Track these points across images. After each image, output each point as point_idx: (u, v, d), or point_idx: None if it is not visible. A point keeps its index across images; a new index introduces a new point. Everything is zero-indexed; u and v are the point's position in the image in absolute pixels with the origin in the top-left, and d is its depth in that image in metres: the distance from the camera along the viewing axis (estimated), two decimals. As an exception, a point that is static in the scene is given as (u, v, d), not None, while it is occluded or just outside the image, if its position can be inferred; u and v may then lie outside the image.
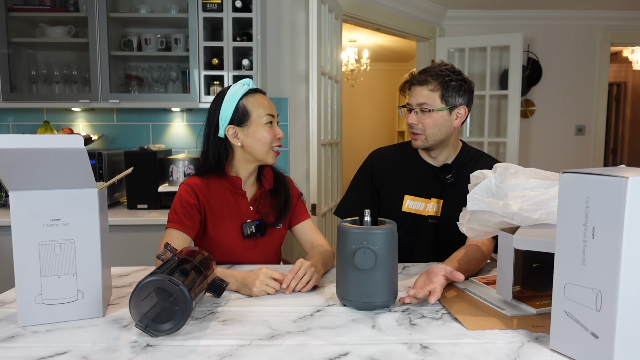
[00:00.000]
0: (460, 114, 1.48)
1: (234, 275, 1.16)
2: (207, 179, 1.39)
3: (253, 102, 1.36)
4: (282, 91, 2.82)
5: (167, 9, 2.62)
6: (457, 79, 1.45)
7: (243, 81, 1.38)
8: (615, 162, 6.95)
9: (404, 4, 3.50)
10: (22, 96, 2.53)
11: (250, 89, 1.37)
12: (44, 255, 0.93)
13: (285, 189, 1.47)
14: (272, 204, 1.43)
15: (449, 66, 1.49)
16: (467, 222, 1.10)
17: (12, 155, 0.84)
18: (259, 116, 1.35)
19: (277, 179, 1.48)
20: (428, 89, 1.45)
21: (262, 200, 1.44)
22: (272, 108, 1.39)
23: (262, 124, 1.35)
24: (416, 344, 0.84)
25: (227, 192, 1.40)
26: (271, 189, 1.45)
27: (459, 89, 1.46)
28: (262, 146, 1.35)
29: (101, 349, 0.83)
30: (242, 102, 1.35)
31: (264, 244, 1.43)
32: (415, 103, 1.47)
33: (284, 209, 1.44)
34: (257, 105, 1.35)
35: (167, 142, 2.87)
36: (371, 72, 6.53)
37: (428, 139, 1.48)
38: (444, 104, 1.45)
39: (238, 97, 1.34)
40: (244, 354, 0.81)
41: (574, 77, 4.04)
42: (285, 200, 1.45)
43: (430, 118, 1.45)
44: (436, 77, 1.45)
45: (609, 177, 0.70)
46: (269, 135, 1.35)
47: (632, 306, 0.71)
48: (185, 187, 1.37)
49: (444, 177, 1.51)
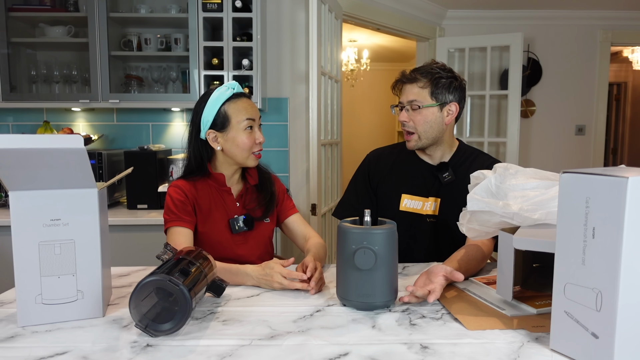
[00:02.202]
0: (452, 110, 1.49)
1: (247, 272, 1.18)
2: (192, 180, 1.41)
3: (235, 107, 1.36)
4: (282, 91, 2.82)
5: (167, 9, 2.62)
6: (447, 76, 1.46)
7: (228, 84, 1.39)
8: (615, 162, 6.95)
9: (404, 4, 3.50)
10: (22, 96, 2.53)
11: (234, 93, 1.38)
12: (43, 255, 0.93)
13: (269, 183, 1.50)
14: (259, 198, 1.46)
15: (440, 64, 1.50)
16: (467, 222, 1.10)
17: (12, 155, 0.84)
18: (238, 122, 1.36)
19: (261, 175, 1.50)
20: (418, 87, 1.47)
21: (248, 195, 1.46)
22: (254, 112, 1.39)
23: (241, 129, 1.36)
24: (416, 344, 0.84)
25: (213, 190, 1.42)
26: (256, 185, 1.48)
27: (449, 86, 1.46)
28: (241, 152, 1.37)
29: (101, 349, 0.83)
30: (224, 108, 1.36)
31: (253, 238, 1.45)
32: (405, 101, 1.49)
33: (270, 203, 1.47)
34: (238, 111, 1.36)
35: (167, 142, 2.87)
36: (371, 72, 6.53)
37: (421, 138, 1.49)
38: (434, 101, 1.46)
39: (220, 102, 1.36)
40: (244, 354, 0.81)
41: (574, 77, 4.04)
42: (271, 195, 1.47)
43: (420, 115, 1.46)
44: (426, 74, 1.46)
45: (609, 177, 0.70)
46: (249, 140, 1.37)
47: (632, 306, 0.71)
48: (173, 188, 1.39)
49: (441, 176, 1.51)
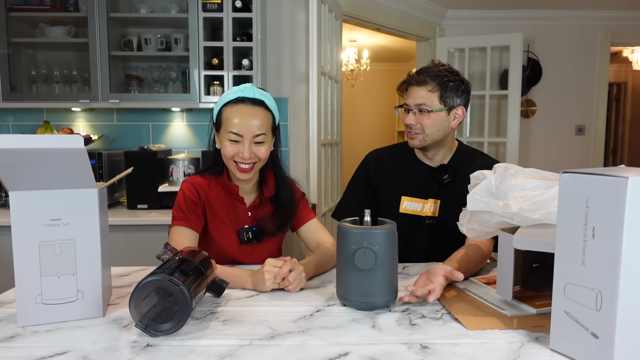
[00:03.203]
0: (458, 114, 1.48)
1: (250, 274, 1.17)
2: (208, 179, 1.38)
3: (229, 112, 1.28)
4: (282, 91, 2.83)
5: (167, 9, 2.62)
6: (455, 79, 1.45)
7: (242, 86, 1.30)
8: (615, 162, 6.95)
9: (404, 4, 3.50)
10: (22, 96, 2.53)
11: (238, 97, 1.29)
12: (44, 255, 0.93)
13: (287, 199, 1.40)
14: (274, 217, 1.39)
15: (447, 66, 1.48)
16: (467, 223, 1.10)
17: (12, 155, 0.84)
18: (225, 130, 1.28)
19: (278, 186, 1.41)
20: (426, 90, 1.44)
21: (261, 207, 1.41)
22: (246, 128, 1.26)
23: (226, 138, 1.28)
24: (416, 344, 0.84)
25: (227, 195, 1.38)
26: (271, 197, 1.41)
27: (457, 90, 1.45)
28: (225, 158, 1.31)
29: (101, 349, 0.83)
30: (223, 109, 1.30)
31: (262, 250, 1.41)
32: (413, 104, 1.47)
33: (284, 223, 1.40)
34: (229, 119, 1.27)
35: (167, 142, 2.87)
36: (371, 72, 6.53)
37: (426, 139, 1.47)
38: (443, 105, 1.45)
39: (222, 103, 1.31)
40: (244, 354, 0.81)
41: (574, 77, 4.04)
42: (287, 217, 1.40)
43: (429, 119, 1.45)
44: (435, 77, 1.44)
45: (609, 177, 0.70)
46: (230, 150, 1.28)
47: (633, 306, 0.71)
48: (187, 184, 1.35)
49: (441, 178, 1.50)
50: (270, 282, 1.11)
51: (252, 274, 1.17)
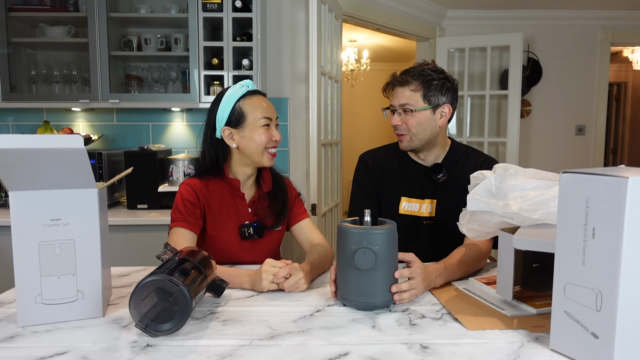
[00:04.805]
0: (445, 112, 1.48)
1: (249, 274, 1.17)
2: (206, 180, 1.40)
3: (250, 104, 1.36)
4: (282, 91, 2.83)
5: (167, 9, 2.62)
6: (439, 77, 1.44)
7: (242, 82, 1.38)
8: (615, 162, 6.94)
9: (404, 4, 3.50)
10: (22, 96, 2.53)
11: (249, 90, 1.37)
12: (43, 255, 0.93)
13: (283, 192, 1.47)
14: (270, 206, 1.44)
15: (431, 65, 1.48)
16: (467, 223, 1.10)
17: (12, 155, 0.84)
18: (255, 119, 1.35)
19: (275, 181, 1.48)
20: (409, 90, 1.44)
21: (260, 202, 1.45)
22: (271, 111, 1.39)
23: (258, 126, 1.35)
24: (416, 344, 0.84)
25: (226, 194, 1.41)
26: (269, 191, 1.46)
27: (441, 88, 1.44)
28: (256, 147, 1.36)
29: (101, 349, 0.83)
30: (239, 104, 1.35)
31: (262, 245, 1.44)
32: (397, 104, 1.47)
33: (281, 212, 1.45)
34: (254, 107, 1.36)
35: (167, 142, 2.87)
36: (371, 72, 6.53)
37: (413, 139, 1.47)
38: (427, 104, 1.45)
39: (235, 99, 1.35)
40: (244, 354, 0.81)
41: (574, 77, 4.03)
42: (283, 203, 1.45)
43: (413, 118, 1.45)
44: (417, 76, 1.44)
45: (609, 177, 0.70)
46: (265, 137, 1.35)
47: (633, 306, 0.71)
48: (185, 186, 1.37)
49: (436, 177, 1.50)
50: (267, 283, 1.12)
51: (250, 273, 1.17)
